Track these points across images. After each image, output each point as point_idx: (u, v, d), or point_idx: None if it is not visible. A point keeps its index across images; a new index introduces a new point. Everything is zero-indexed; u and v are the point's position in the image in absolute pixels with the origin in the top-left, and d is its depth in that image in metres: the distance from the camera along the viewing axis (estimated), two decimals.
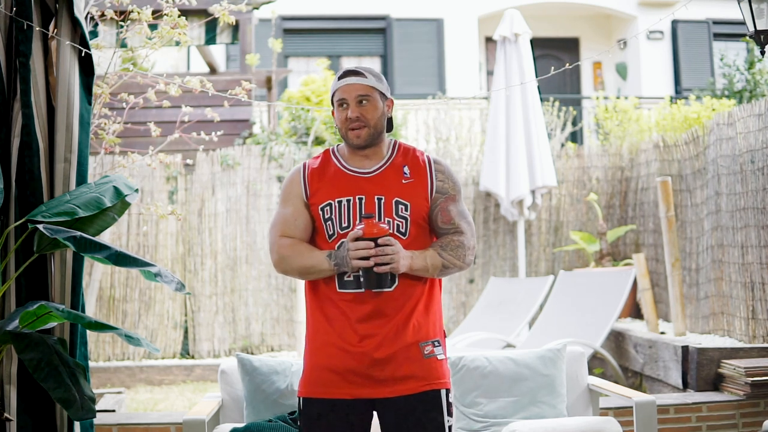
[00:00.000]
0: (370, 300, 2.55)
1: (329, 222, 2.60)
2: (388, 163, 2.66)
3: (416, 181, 2.64)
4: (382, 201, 2.59)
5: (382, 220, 2.58)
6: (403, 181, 2.62)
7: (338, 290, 2.58)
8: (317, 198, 2.63)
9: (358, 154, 2.66)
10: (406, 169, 2.65)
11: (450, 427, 2.59)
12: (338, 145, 2.75)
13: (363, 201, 2.59)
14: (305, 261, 2.59)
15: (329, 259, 2.55)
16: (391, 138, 2.73)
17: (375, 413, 2.63)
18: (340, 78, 2.66)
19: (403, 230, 2.59)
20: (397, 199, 2.60)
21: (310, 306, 2.67)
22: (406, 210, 2.59)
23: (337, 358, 2.56)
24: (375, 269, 2.47)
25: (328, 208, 2.61)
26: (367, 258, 2.48)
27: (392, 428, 2.56)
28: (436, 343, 2.61)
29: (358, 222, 2.56)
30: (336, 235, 2.59)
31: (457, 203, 2.68)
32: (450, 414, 2.60)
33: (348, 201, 2.60)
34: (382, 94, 2.66)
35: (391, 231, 2.57)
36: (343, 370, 2.55)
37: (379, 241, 2.47)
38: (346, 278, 2.57)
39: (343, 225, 2.58)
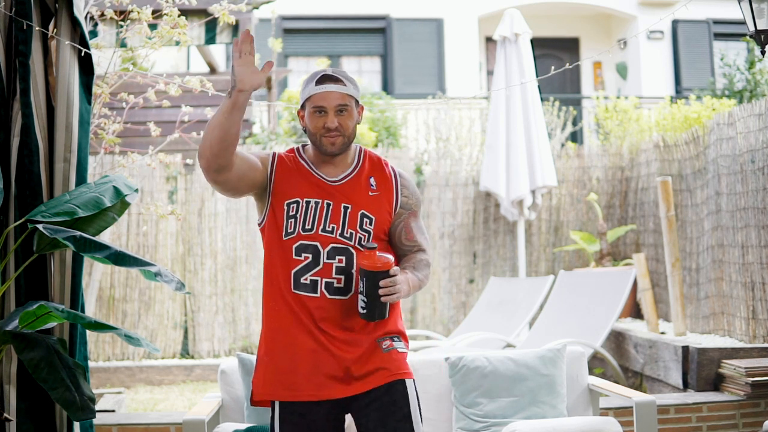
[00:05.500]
0: (326, 305, 2.55)
1: (292, 220, 2.57)
2: (354, 172, 2.65)
3: (382, 195, 2.64)
4: (348, 210, 2.59)
5: (345, 232, 2.57)
6: (370, 194, 2.63)
7: (292, 290, 2.56)
8: (284, 191, 2.60)
9: (325, 160, 2.64)
10: (372, 181, 2.65)
11: (419, 418, 2.57)
12: (303, 145, 2.72)
13: (331, 207, 2.58)
14: (213, 117, 2.44)
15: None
16: (356, 144, 2.72)
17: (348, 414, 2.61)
18: (317, 83, 2.59)
19: (364, 243, 2.57)
20: (363, 211, 2.59)
21: (266, 306, 2.63)
22: (371, 224, 2.60)
23: (295, 362, 2.54)
24: (383, 299, 2.46)
25: (294, 205, 2.58)
26: (374, 291, 2.46)
27: (361, 424, 2.55)
28: (396, 338, 2.61)
29: (320, 224, 2.55)
30: (296, 234, 2.56)
31: (418, 219, 2.71)
32: (419, 405, 2.59)
33: (316, 203, 2.58)
34: (356, 102, 2.64)
35: (353, 244, 2.57)
36: (303, 373, 2.54)
37: (391, 272, 2.47)
38: (302, 281, 2.55)
39: (306, 227, 2.57)
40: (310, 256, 2.55)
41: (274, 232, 2.60)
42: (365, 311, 2.48)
